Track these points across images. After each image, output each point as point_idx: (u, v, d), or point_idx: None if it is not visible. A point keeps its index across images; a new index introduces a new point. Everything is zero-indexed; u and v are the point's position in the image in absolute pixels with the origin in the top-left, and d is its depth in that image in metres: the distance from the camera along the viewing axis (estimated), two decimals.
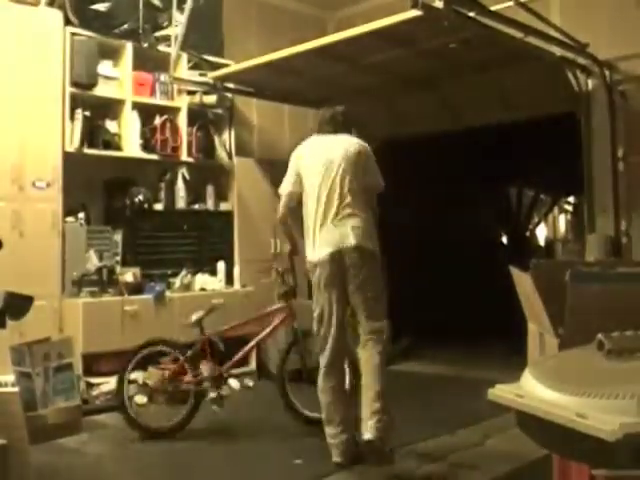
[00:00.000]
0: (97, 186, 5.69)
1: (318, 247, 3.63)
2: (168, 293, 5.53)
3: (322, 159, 3.72)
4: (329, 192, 3.63)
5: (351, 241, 3.56)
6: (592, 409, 1.54)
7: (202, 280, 5.85)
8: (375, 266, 3.65)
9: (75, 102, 5.31)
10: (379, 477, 3.56)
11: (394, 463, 3.56)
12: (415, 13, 4.04)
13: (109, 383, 4.96)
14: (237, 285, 6.08)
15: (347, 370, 3.91)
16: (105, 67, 5.56)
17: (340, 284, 3.60)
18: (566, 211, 15.02)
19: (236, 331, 4.58)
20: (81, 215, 5.38)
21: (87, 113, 5.36)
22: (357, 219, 3.61)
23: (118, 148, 5.59)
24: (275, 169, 6.62)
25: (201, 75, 6.01)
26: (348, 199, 3.62)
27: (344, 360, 3.78)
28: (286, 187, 3.88)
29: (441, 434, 4.21)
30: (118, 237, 5.57)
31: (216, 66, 6.00)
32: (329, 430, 3.66)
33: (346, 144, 3.75)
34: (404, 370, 6.27)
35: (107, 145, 5.49)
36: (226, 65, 5.98)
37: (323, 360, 3.69)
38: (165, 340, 4.45)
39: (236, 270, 6.14)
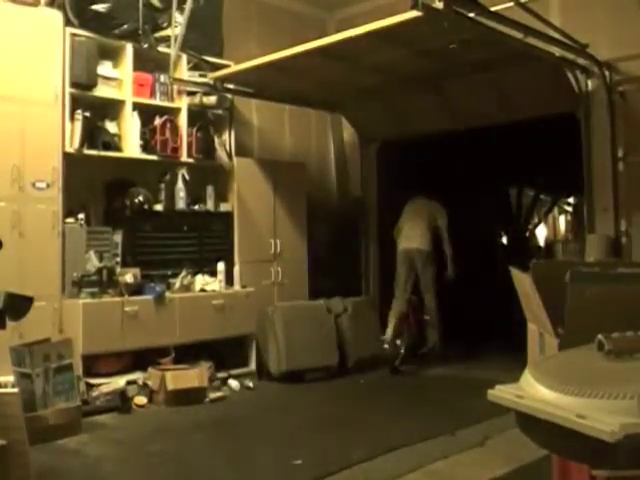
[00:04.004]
0: (97, 187, 5.68)
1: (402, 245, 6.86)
2: (168, 294, 5.52)
3: (415, 207, 6.96)
4: (413, 223, 6.82)
5: (418, 245, 6.74)
6: (592, 409, 1.54)
7: (202, 281, 5.85)
8: (427, 261, 6.76)
9: (75, 103, 5.31)
10: (381, 478, 3.57)
11: None
12: (415, 14, 4.03)
13: (109, 384, 4.96)
14: (237, 286, 6.07)
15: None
16: (105, 68, 5.56)
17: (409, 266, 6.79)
18: (566, 211, 15.01)
19: None
20: (81, 216, 5.37)
21: (87, 114, 5.35)
22: (424, 236, 6.76)
23: (118, 149, 5.59)
24: (275, 169, 6.64)
25: (201, 76, 6.01)
26: (422, 226, 6.78)
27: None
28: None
29: (441, 434, 4.21)
30: (118, 238, 5.57)
31: (216, 67, 6.00)
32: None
33: (430, 204, 6.90)
34: (404, 369, 6.26)
35: (107, 146, 5.49)
36: (226, 66, 5.98)
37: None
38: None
39: (236, 271, 6.13)
